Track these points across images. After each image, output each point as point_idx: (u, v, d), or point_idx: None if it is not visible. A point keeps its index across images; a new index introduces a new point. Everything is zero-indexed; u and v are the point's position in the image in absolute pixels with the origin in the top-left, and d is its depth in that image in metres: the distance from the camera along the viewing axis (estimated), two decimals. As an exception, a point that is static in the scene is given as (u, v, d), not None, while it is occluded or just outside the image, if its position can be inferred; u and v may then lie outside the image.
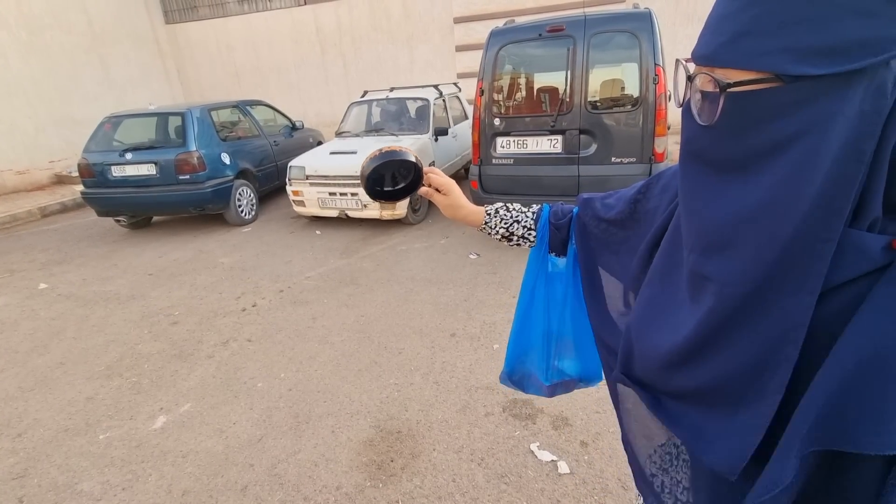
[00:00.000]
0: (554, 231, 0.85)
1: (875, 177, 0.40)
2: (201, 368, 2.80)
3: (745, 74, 0.42)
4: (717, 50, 0.44)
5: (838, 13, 0.37)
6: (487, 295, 3.42)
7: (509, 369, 0.99)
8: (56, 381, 2.78)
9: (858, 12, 0.36)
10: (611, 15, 3.75)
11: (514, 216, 0.89)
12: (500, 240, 0.91)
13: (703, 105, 0.46)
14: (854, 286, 0.43)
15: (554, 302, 0.90)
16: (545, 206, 0.89)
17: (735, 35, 0.42)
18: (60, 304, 3.85)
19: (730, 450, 0.48)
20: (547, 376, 0.96)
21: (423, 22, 9.63)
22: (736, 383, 0.47)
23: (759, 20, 0.40)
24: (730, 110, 0.44)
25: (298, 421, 2.28)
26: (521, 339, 0.95)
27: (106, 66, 9.71)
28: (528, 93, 4.33)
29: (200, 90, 11.63)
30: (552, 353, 0.94)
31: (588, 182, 3.89)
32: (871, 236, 0.42)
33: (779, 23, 0.39)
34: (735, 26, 0.42)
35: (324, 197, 5.05)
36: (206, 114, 5.53)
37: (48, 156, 8.58)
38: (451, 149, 6.05)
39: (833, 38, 0.37)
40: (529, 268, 0.90)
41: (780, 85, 0.40)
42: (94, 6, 9.49)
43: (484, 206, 0.92)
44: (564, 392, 1.00)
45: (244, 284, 3.98)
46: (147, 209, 5.50)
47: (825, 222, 0.40)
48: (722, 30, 0.43)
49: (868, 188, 0.41)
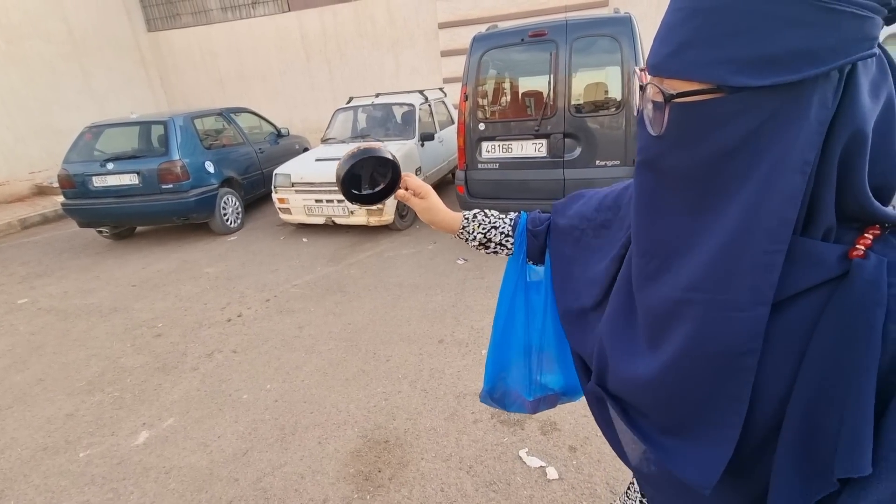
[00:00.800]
0: (531, 238, 0.84)
1: (824, 186, 0.41)
2: (185, 381, 2.75)
3: (690, 85, 0.42)
4: (663, 61, 0.44)
5: (775, 24, 0.37)
6: (475, 300, 3.41)
7: (489, 387, 0.95)
8: (35, 398, 2.71)
9: (793, 23, 0.37)
10: (592, 20, 3.79)
11: (491, 222, 0.88)
12: (477, 247, 0.89)
13: (654, 115, 0.47)
14: (813, 295, 0.43)
15: (534, 313, 0.88)
16: (522, 213, 0.88)
17: (679, 46, 0.42)
18: (40, 319, 3.77)
19: (703, 464, 0.47)
20: (530, 391, 0.93)
21: (408, 27, 9.65)
22: (700, 395, 0.47)
23: (700, 32, 0.41)
24: (676, 120, 0.44)
25: (284, 433, 2.25)
26: (500, 354, 0.92)
27: (87, 74, 9.57)
28: (513, 97, 4.35)
29: (184, 98, 11.50)
30: (534, 368, 0.91)
31: (573, 185, 3.91)
32: (826, 245, 0.42)
33: (719, 34, 0.39)
34: (679, 37, 0.42)
35: (310, 204, 5.01)
36: (190, 122, 5.46)
37: (28, 167, 8.42)
38: (438, 154, 6.05)
39: (771, 48, 0.38)
40: (507, 278, 0.88)
41: (723, 95, 0.41)
42: (75, 15, 9.36)
43: (462, 213, 0.90)
44: (548, 407, 0.97)
45: (230, 294, 3.92)
46: (130, 219, 5.42)
47: (773, 232, 0.41)
48: (668, 40, 0.44)
49: (817, 197, 0.41)
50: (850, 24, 0.36)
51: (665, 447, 0.52)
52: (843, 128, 0.39)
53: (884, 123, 0.41)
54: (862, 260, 0.40)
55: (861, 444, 0.39)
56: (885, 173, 0.42)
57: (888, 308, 0.39)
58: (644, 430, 0.55)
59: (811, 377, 0.42)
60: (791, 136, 0.39)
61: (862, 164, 0.40)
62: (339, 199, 4.87)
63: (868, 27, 0.37)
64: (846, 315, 0.40)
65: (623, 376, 0.56)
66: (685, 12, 0.42)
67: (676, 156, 0.46)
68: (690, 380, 0.48)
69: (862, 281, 0.39)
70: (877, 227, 0.42)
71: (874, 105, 0.40)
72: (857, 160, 0.40)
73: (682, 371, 0.48)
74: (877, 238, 0.42)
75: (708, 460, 0.47)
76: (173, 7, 10.88)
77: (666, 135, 0.46)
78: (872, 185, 0.42)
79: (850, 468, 0.39)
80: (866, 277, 0.39)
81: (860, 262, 0.40)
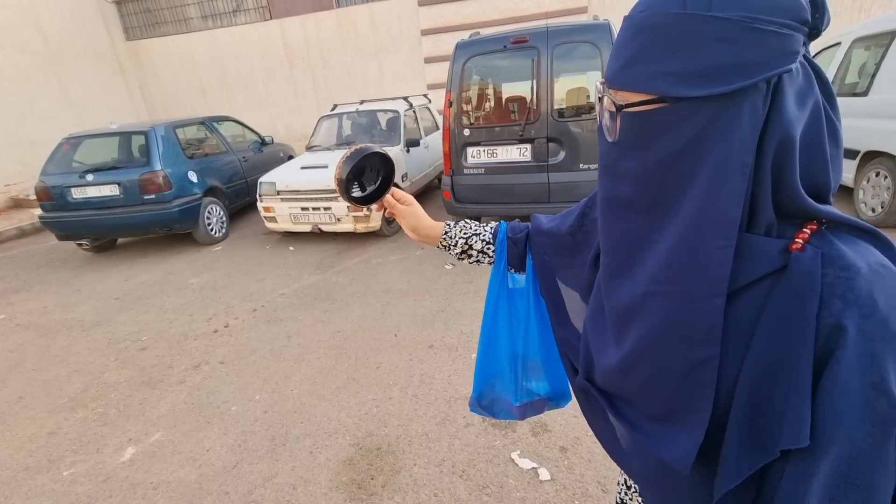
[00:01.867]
0: (512, 245, 0.87)
1: (761, 186, 0.45)
2: (172, 395, 2.70)
3: (637, 96, 0.47)
4: (614, 75, 0.49)
5: (707, 42, 0.41)
6: (464, 305, 3.43)
7: (478, 395, 0.97)
8: (15, 417, 2.64)
9: (723, 40, 0.41)
10: (572, 27, 3.87)
11: (473, 230, 0.91)
12: (458, 255, 0.92)
13: (610, 123, 0.51)
14: (759, 285, 0.46)
15: (517, 320, 0.90)
16: (503, 222, 0.91)
17: (627, 61, 0.47)
18: (19, 335, 3.67)
19: (680, 446, 0.51)
20: (517, 397, 0.95)
21: (391, 34, 9.69)
22: (670, 382, 0.50)
23: (644, 49, 0.45)
24: (627, 128, 0.49)
25: (275, 444, 2.23)
26: (487, 363, 0.94)
27: (63, 84, 9.38)
28: (496, 103, 4.40)
29: (165, 107, 11.35)
30: (520, 374, 0.93)
31: (558, 188, 3.97)
32: (768, 240, 0.46)
33: (660, 51, 0.44)
34: (627, 53, 0.47)
35: (296, 212, 4.99)
36: (171, 131, 5.40)
37: (3, 179, 8.22)
38: (424, 159, 6.07)
39: (704, 63, 0.42)
40: (491, 287, 0.90)
41: (666, 105, 0.45)
42: (50, 24, 9.19)
43: (444, 222, 0.93)
44: (535, 413, 0.99)
45: (215, 305, 3.87)
46: (111, 231, 5.31)
47: (722, 229, 0.44)
48: (618, 56, 0.48)
49: (757, 196, 0.45)
50: (773, 41, 0.41)
51: (648, 432, 0.55)
52: (773, 133, 0.43)
53: (813, 128, 0.45)
54: (800, 252, 0.44)
55: (800, 419, 0.42)
56: (819, 173, 0.46)
57: (822, 296, 0.42)
58: (629, 418, 0.58)
59: (756, 361, 0.46)
60: (729, 141, 0.43)
61: (793, 165, 0.44)
62: (325, 207, 4.86)
63: (790, 43, 0.41)
64: (786, 303, 0.44)
65: (603, 369, 0.60)
66: (632, 31, 0.46)
67: (630, 160, 0.50)
68: (657, 368, 0.51)
69: (799, 272, 0.43)
70: (814, 223, 0.46)
71: (801, 112, 0.44)
72: (788, 162, 0.44)
73: (647, 360, 0.52)
74: (814, 232, 0.46)
75: (684, 442, 0.50)
76: (152, 16, 10.76)
77: (620, 141, 0.50)
78: (809, 184, 0.46)
79: (791, 440, 0.43)
80: (803, 269, 0.43)
81: (798, 254, 0.44)
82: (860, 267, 0.42)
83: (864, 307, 0.41)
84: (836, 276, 0.42)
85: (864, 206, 4.17)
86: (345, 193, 0.88)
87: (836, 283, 0.42)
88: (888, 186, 3.85)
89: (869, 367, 0.40)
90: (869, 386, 0.40)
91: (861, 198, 4.20)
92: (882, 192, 3.93)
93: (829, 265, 0.43)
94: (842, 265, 0.43)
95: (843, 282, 0.42)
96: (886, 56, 3.95)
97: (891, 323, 0.40)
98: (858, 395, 0.40)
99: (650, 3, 0.45)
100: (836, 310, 0.41)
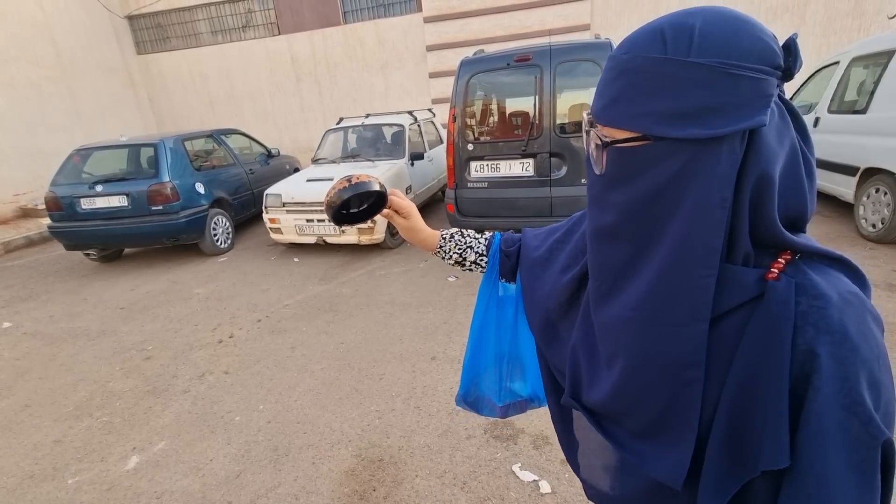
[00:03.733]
0: (504, 258, 0.90)
1: (739, 218, 0.47)
2: (176, 404, 2.73)
3: (622, 133, 0.50)
4: (600, 112, 0.52)
5: (685, 85, 0.44)
6: (467, 317, 3.45)
7: (464, 392, 1.01)
8: (21, 425, 2.66)
9: (700, 84, 0.44)
10: (574, 45, 3.95)
11: (467, 242, 0.94)
12: (452, 264, 0.96)
13: (597, 155, 0.54)
14: (738, 312, 0.49)
15: (504, 324, 0.94)
16: (496, 234, 0.95)
17: (611, 100, 0.50)
18: (26, 343, 3.71)
19: (671, 463, 0.53)
20: (500, 397, 0.99)
21: (397, 50, 9.87)
22: (658, 403, 0.53)
23: (626, 90, 0.48)
24: (613, 161, 0.52)
25: (278, 454, 2.24)
26: (474, 362, 0.98)
27: (74, 96, 9.57)
28: (500, 118, 4.48)
29: (173, 119, 11.54)
30: (504, 375, 0.97)
31: (560, 202, 4.02)
32: (746, 270, 0.49)
33: (641, 93, 0.47)
34: (611, 93, 0.50)
35: (301, 224, 5.04)
36: (180, 144, 5.49)
37: (13, 189, 8.33)
38: (428, 173, 6.15)
39: (684, 104, 0.45)
40: (481, 293, 0.94)
41: (650, 143, 0.48)
42: (63, 38, 9.40)
43: (440, 231, 0.96)
44: (517, 413, 1.03)
45: (220, 315, 3.91)
46: (119, 241, 5.38)
47: (704, 259, 0.47)
48: (603, 94, 0.51)
49: (735, 228, 0.48)
50: (748, 85, 0.43)
51: (638, 451, 0.58)
52: (751, 170, 0.46)
53: (791, 164, 0.48)
54: (775, 282, 0.47)
55: (779, 441, 0.45)
56: (796, 206, 0.49)
57: (795, 323, 0.45)
58: (617, 437, 0.61)
59: (735, 384, 0.48)
60: (709, 177, 0.46)
61: (770, 200, 0.47)
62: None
63: (764, 87, 0.44)
64: (763, 329, 0.47)
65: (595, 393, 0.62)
66: (615, 72, 0.50)
67: (616, 192, 0.53)
68: (644, 389, 0.54)
69: (775, 300, 0.46)
70: (788, 253, 0.49)
71: (779, 149, 0.47)
72: (765, 197, 0.47)
73: (634, 381, 0.54)
74: (788, 262, 0.48)
75: (675, 460, 0.53)
76: (163, 30, 11.00)
77: (606, 174, 0.53)
78: (787, 215, 0.49)
79: (772, 462, 0.45)
80: (778, 297, 0.46)
81: (773, 283, 0.47)
82: (831, 296, 0.45)
83: (835, 334, 0.43)
84: (808, 304, 0.45)
85: (864, 222, 4.19)
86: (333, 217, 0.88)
87: (808, 312, 0.45)
88: (888, 203, 3.88)
89: (840, 391, 0.43)
90: (841, 408, 0.43)
91: (861, 214, 4.22)
92: (882, 209, 3.96)
93: (802, 294, 0.46)
94: (814, 294, 0.45)
95: (815, 310, 0.45)
96: (885, 74, 4.01)
97: (861, 350, 0.43)
98: (833, 418, 0.43)
99: (632, 46, 0.48)
100: (810, 337, 0.44)
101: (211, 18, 10.67)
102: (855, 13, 7.61)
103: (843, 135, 4.46)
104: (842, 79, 4.69)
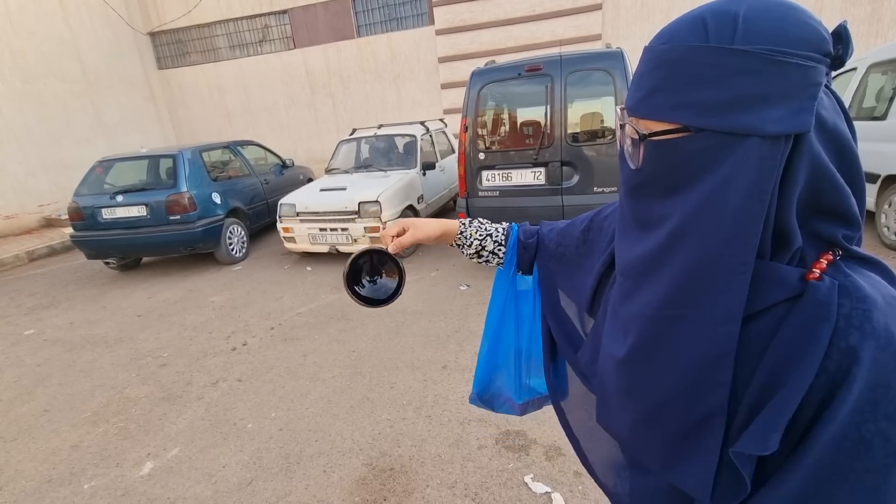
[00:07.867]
0: (522, 251, 0.88)
1: (785, 213, 0.45)
2: (190, 411, 2.76)
3: (660, 125, 0.48)
4: (637, 104, 0.50)
5: (729, 73, 0.42)
6: (478, 326, 3.43)
7: (479, 389, 0.98)
8: (40, 430, 2.71)
9: (744, 72, 0.42)
10: (585, 55, 3.96)
11: (486, 230, 0.91)
12: (471, 254, 0.92)
13: (632, 150, 0.53)
14: (773, 311, 0.47)
15: (523, 319, 0.92)
16: (514, 225, 0.92)
17: (649, 92, 0.48)
18: (46, 350, 3.79)
19: (695, 474, 0.51)
20: (519, 395, 0.96)
21: (409, 62, 10.00)
22: (682, 407, 0.51)
23: (666, 80, 0.46)
24: (650, 155, 0.50)
25: (289, 462, 2.25)
26: (491, 358, 0.95)
27: (98, 110, 9.88)
28: (511, 128, 4.50)
29: (192, 131, 11.83)
30: (523, 371, 0.95)
31: (572, 211, 4.00)
32: (788, 268, 0.47)
33: (682, 83, 0.45)
34: (649, 84, 0.48)
35: (314, 233, 5.10)
36: (198, 155, 5.62)
37: (38, 200, 8.60)
38: (440, 182, 6.18)
39: (727, 94, 0.43)
40: (498, 287, 0.92)
41: (689, 134, 0.46)
42: (89, 55, 9.75)
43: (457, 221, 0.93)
44: (535, 409, 1.00)
45: (234, 323, 3.96)
46: (137, 250, 5.51)
47: (737, 255, 0.45)
48: (640, 86, 0.50)
49: (784, 222, 0.46)
50: (795, 73, 0.41)
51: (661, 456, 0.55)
52: (797, 164, 0.44)
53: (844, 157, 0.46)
54: (817, 282, 0.45)
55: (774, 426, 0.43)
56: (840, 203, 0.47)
57: (837, 326, 0.43)
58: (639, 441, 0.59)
59: (758, 385, 0.46)
60: (750, 169, 0.43)
61: (818, 194, 0.45)
62: (342, 228, 4.96)
63: (812, 75, 0.42)
64: (798, 330, 0.45)
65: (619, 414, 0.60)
66: (653, 63, 0.48)
67: (652, 186, 0.51)
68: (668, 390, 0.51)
69: (815, 301, 0.44)
70: (829, 253, 0.47)
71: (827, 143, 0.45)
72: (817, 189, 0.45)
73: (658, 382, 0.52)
74: (830, 263, 0.46)
75: (699, 471, 0.50)
76: (183, 46, 11.34)
77: (643, 168, 0.51)
78: (833, 212, 0.46)
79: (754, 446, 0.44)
80: (820, 298, 0.44)
81: (815, 283, 0.45)
82: (876, 299, 0.43)
83: (881, 339, 0.41)
84: (852, 307, 0.43)
85: (886, 230, 4.09)
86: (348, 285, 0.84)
87: (852, 315, 0.43)
88: (911, 211, 3.78)
89: (884, 397, 0.40)
90: (883, 417, 0.40)
91: (883, 222, 4.12)
92: (905, 217, 3.86)
93: (845, 296, 0.44)
94: (858, 296, 0.43)
95: (860, 313, 0.43)
96: (904, 81, 3.94)
97: None
98: (871, 426, 0.41)
99: (673, 36, 0.46)
100: (854, 340, 0.42)
101: (229, 34, 10.97)
102: (872, 19, 7.52)
103: (863, 142, 4.33)
104: (860, 85, 4.61)
